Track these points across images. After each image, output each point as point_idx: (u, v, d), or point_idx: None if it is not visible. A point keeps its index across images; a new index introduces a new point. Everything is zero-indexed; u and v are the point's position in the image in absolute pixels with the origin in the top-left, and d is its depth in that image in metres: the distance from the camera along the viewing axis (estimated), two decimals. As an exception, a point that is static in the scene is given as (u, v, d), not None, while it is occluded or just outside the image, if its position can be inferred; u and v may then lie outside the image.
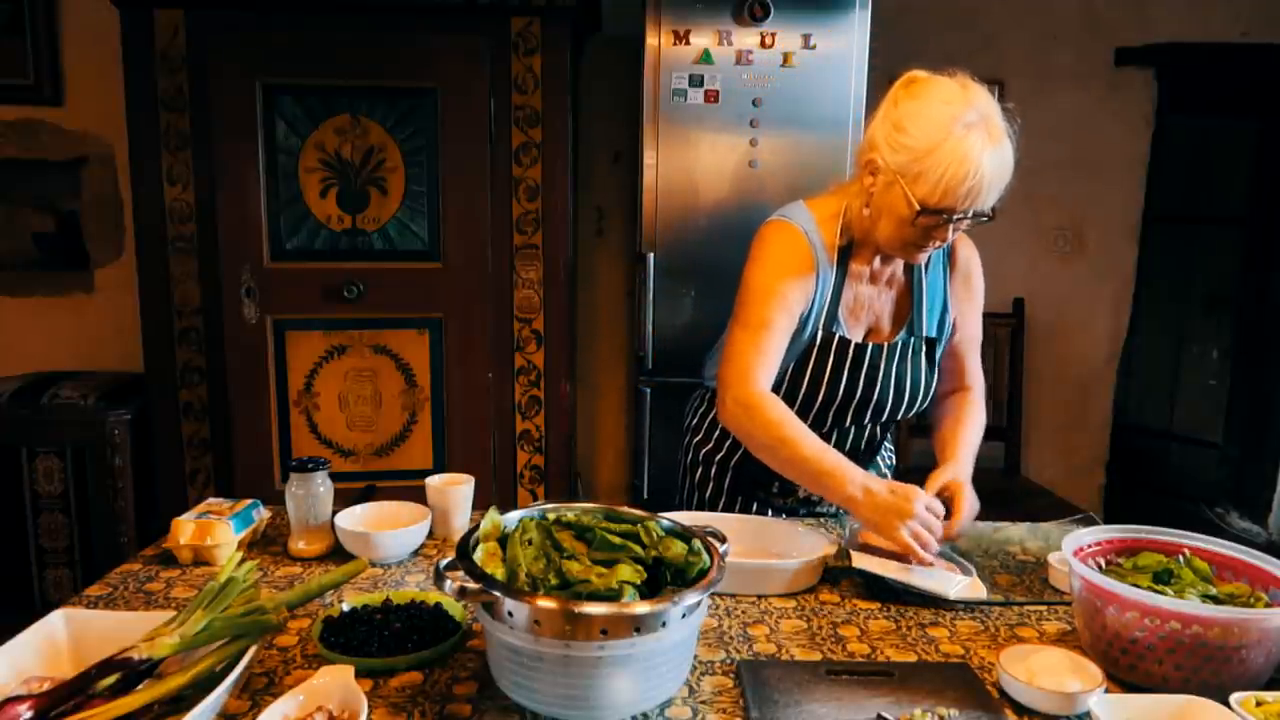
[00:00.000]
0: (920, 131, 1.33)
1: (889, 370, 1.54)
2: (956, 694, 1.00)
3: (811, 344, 1.52)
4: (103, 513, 2.66)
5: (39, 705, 0.86)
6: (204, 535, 1.35)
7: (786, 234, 1.51)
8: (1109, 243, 3.40)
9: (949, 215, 1.35)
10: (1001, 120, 1.34)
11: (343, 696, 0.92)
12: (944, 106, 1.33)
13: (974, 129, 1.31)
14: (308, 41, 2.47)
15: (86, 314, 3.06)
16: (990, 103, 1.35)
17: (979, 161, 1.30)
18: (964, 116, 1.31)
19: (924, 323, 1.56)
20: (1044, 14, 3.26)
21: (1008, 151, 1.34)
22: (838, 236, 1.51)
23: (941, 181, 1.31)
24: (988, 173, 1.31)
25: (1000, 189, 1.36)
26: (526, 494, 2.73)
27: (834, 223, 1.51)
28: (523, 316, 2.65)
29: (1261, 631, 0.98)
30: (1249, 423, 3.29)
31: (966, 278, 1.61)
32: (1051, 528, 1.61)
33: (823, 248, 1.50)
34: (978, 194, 1.33)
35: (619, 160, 3.23)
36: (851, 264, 1.52)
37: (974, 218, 1.37)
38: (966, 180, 1.31)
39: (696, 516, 1.49)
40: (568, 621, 0.88)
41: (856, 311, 1.55)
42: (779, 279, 1.48)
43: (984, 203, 1.35)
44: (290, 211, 2.51)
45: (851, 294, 1.54)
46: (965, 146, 1.30)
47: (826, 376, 1.52)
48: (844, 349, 1.52)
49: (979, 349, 1.66)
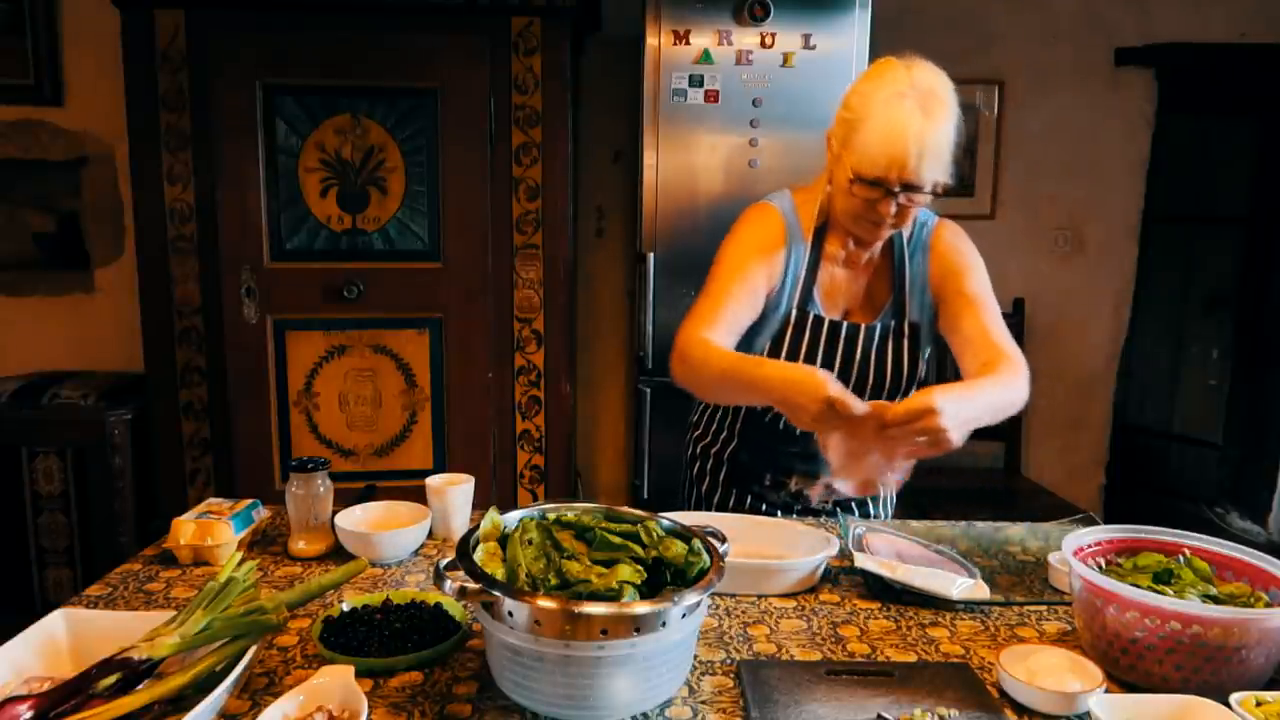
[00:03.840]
0: (856, 103, 1.40)
1: (865, 352, 1.55)
2: (956, 694, 1.00)
3: (786, 321, 1.55)
4: (103, 513, 2.66)
5: (39, 705, 0.86)
6: (204, 535, 1.35)
7: (760, 213, 1.57)
8: (1109, 243, 3.40)
9: (885, 187, 1.38)
10: (949, 100, 1.37)
11: (343, 696, 0.92)
12: (879, 80, 1.39)
13: (905, 99, 1.34)
14: (308, 41, 2.47)
15: (86, 314, 3.06)
16: (937, 82, 1.37)
17: (903, 130, 1.33)
18: (897, 88, 1.35)
19: (908, 306, 1.57)
20: (1044, 14, 3.26)
21: (945, 129, 1.35)
22: (815, 217, 1.55)
23: (868, 149, 1.36)
24: (913, 143, 1.33)
25: (940, 167, 1.37)
26: (526, 494, 2.73)
27: (814, 205, 1.55)
28: (523, 316, 2.65)
29: (1261, 631, 0.98)
30: (1249, 423, 3.29)
31: (946, 257, 1.56)
32: (1051, 528, 1.61)
33: (798, 226, 1.55)
34: (905, 164, 1.34)
35: (619, 160, 3.23)
36: (826, 245, 1.56)
37: (911, 190, 1.38)
38: (890, 147, 1.34)
39: (697, 516, 1.49)
40: (568, 621, 0.88)
41: (833, 293, 1.57)
42: (742, 254, 1.53)
43: (920, 177, 1.36)
44: (290, 211, 2.51)
45: (827, 274, 1.57)
46: (893, 115, 1.34)
47: (801, 355, 1.54)
48: (818, 326, 1.55)
49: (998, 319, 1.51)
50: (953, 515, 1.85)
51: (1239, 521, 3.26)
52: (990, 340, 1.47)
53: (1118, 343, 3.47)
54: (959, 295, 1.53)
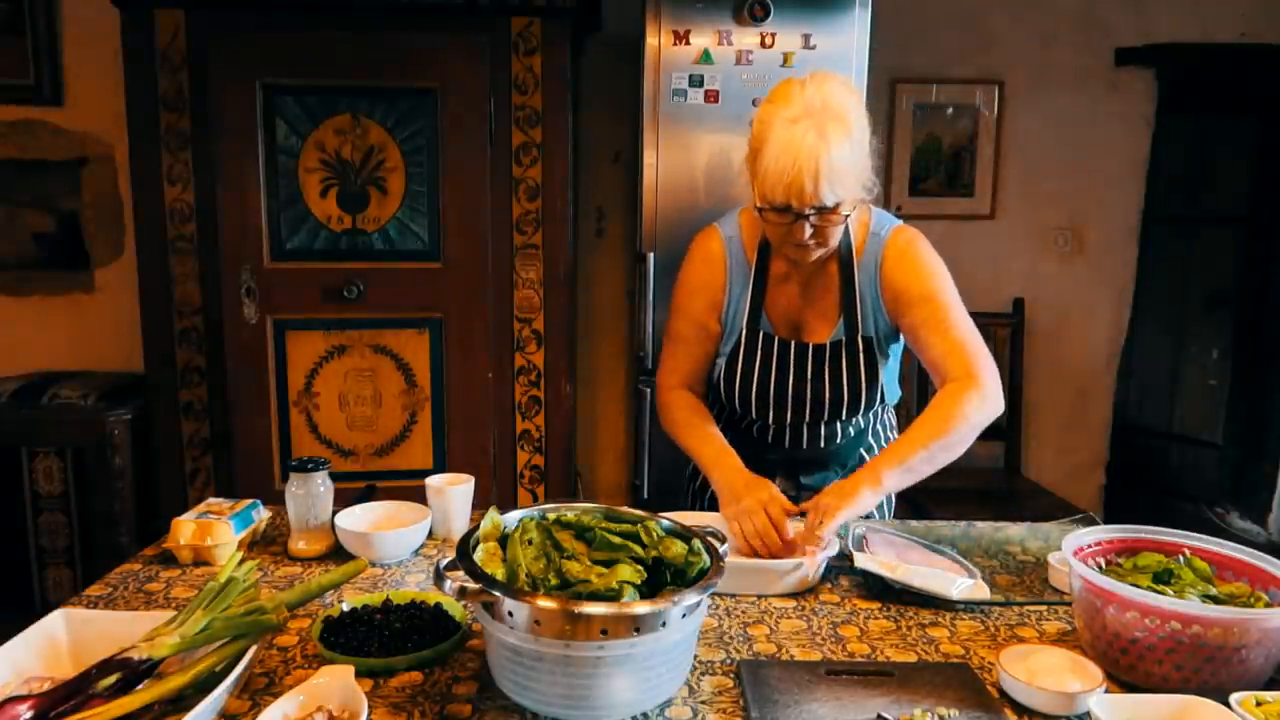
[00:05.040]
0: (758, 130, 1.40)
1: (820, 368, 1.56)
2: (956, 694, 1.00)
3: (738, 341, 1.58)
4: (103, 513, 2.66)
5: (39, 705, 0.86)
6: (204, 535, 1.35)
7: (702, 245, 1.62)
8: (1109, 243, 3.40)
9: (793, 211, 1.37)
10: (848, 114, 1.35)
11: (343, 696, 0.92)
12: (775, 105, 1.38)
13: (797, 124, 1.33)
14: (308, 41, 2.47)
15: (86, 314, 3.06)
16: (833, 98, 1.35)
17: (795, 155, 1.32)
18: (790, 112, 1.34)
19: (860, 321, 1.55)
20: (1044, 14, 3.26)
21: (842, 148, 1.33)
22: (758, 239, 1.56)
23: (767, 176, 1.36)
24: (809, 167, 1.31)
25: (846, 184, 1.35)
26: (526, 494, 2.73)
27: (758, 226, 1.54)
28: (523, 316, 2.65)
29: (1261, 631, 0.98)
30: (1249, 423, 3.29)
31: (895, 273, 1.52)
32: (1051, 528, 1.61)
33: (741, 250, 1.58)
34: (799, 187, 1.33)
35: (619, 160, 3.23)
36: (771, 266, 1.57)
37: (823, 213, 1.37)
38: (785, 174, 1.33)
39: (697, 516, 1.49)
40: (568, 621, 0.88)
41: (786, 311, 1.59)
42: (684, 295, 1.62)
43: (822, 198, 1.34)
44: (290, 211, 2.51)
45: (777, 294, 1.58)
46: (784, 141, 1.33)
47: (755, 373, 1.57)
48: (769, 345, 1.57)
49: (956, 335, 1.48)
50: (953, 515, 1.85)
51: (1239, 521, 3.26)
52: (948, 358, 1.47)
53: (1118, 343, 3.47)
54: (912, 310, 1.51)
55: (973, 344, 1.49)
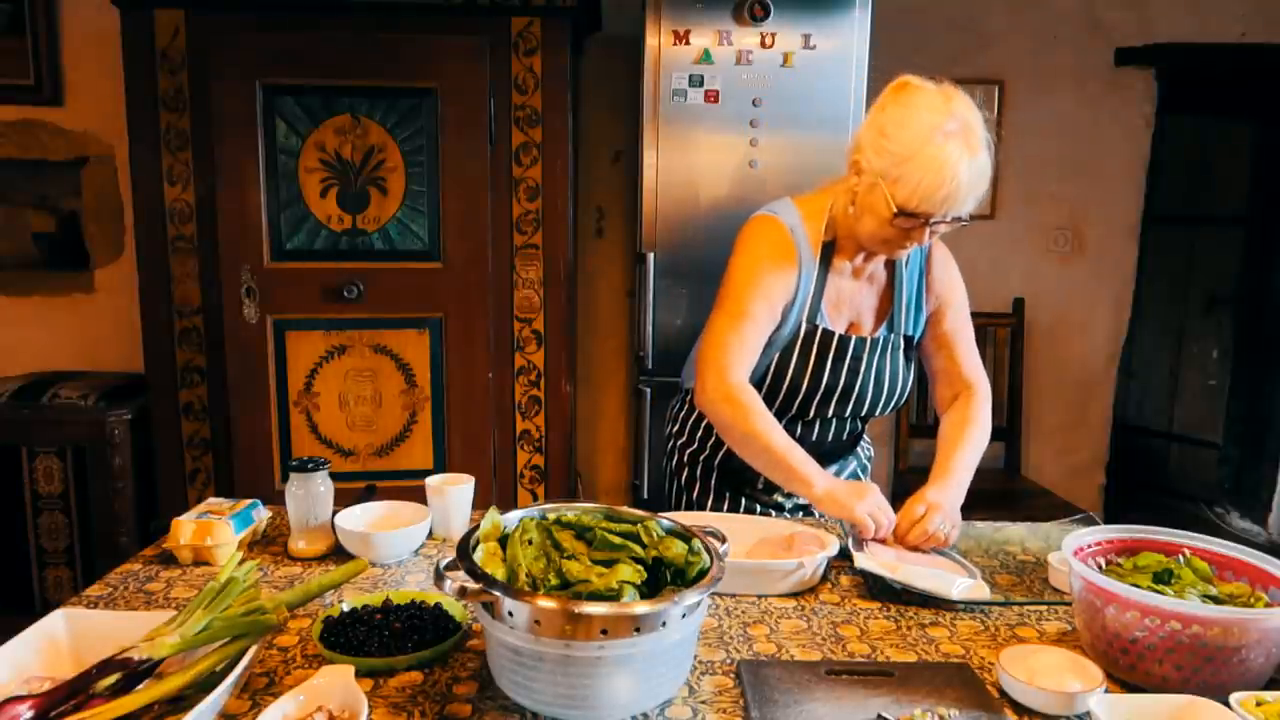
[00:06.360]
0: (902, 138, 1.37)
1: (869, 364, 1.58)
2: (956, 694, 1.00)
3: (795, 336, 1.56)
4: (103, 513, 2.66)
5: (39, 705, 0.86)
6: (204, 535, 1.35)
7: (771, 227, 1.56)
8: (1109, 243, 3.40)
9: (926, 219, 1.39)
10: (982, 130, 1.38)
11: (343, 696, 0.92)
12: (926, 114, 1.37)
13: (953, 138, 1.34)
14: (308, 41, 2.47)
15: (86, 314, 3.06)
16: (971, 112, 1.38)
17: (955, 170, 1.33)
18: (944, 126, 1.35)
19: (903, 320, 1.60)
20: (1044, 14, 3.26)
21: (985, 161, 1.37)
22: (822, 233, 1.55)
23: (920, 187, 1.35)
24: (963, 182, 1.34)
25: (977, 197, 1.39)
26: (526, 494, 2.73)
27: (819, 219, 1.55)
28: (523, 316, 2.65)
29: (1261, 631, 0.98)
30: (1249, 423, 3.30)
31: (938, 287, 1.62)
32: (1051, 528, 1.61)
33: (806, 243, 1.55)
34: (953, 201, 1.36)
35: (619, 160, 3.23)
36: (835, 259, 1.56)
37: (951, 222, 1.41)
38: (942, 188, 1.34)
39: (697, 517, 1.49)
40: (568, 621, 0.88)
41: (839, 305, 1.59)
42: (762, 271, 1.52)
43: (960, 209, 1.38)
44: (290, 211, 2.51)
45: (834, 289, 1.57)
46: (943, 155, 1.34)
47: (810, 368, 1.56)
48: (827, 341, 1.56)
49: (972, 347, 1.65)
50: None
51: (1239, 521, 3.26)
52: (962, 374, 1.64)
53: (1118, 343, 3.47)
54: (949, 316, 1.63)
55: (978, 361, 1.66)
